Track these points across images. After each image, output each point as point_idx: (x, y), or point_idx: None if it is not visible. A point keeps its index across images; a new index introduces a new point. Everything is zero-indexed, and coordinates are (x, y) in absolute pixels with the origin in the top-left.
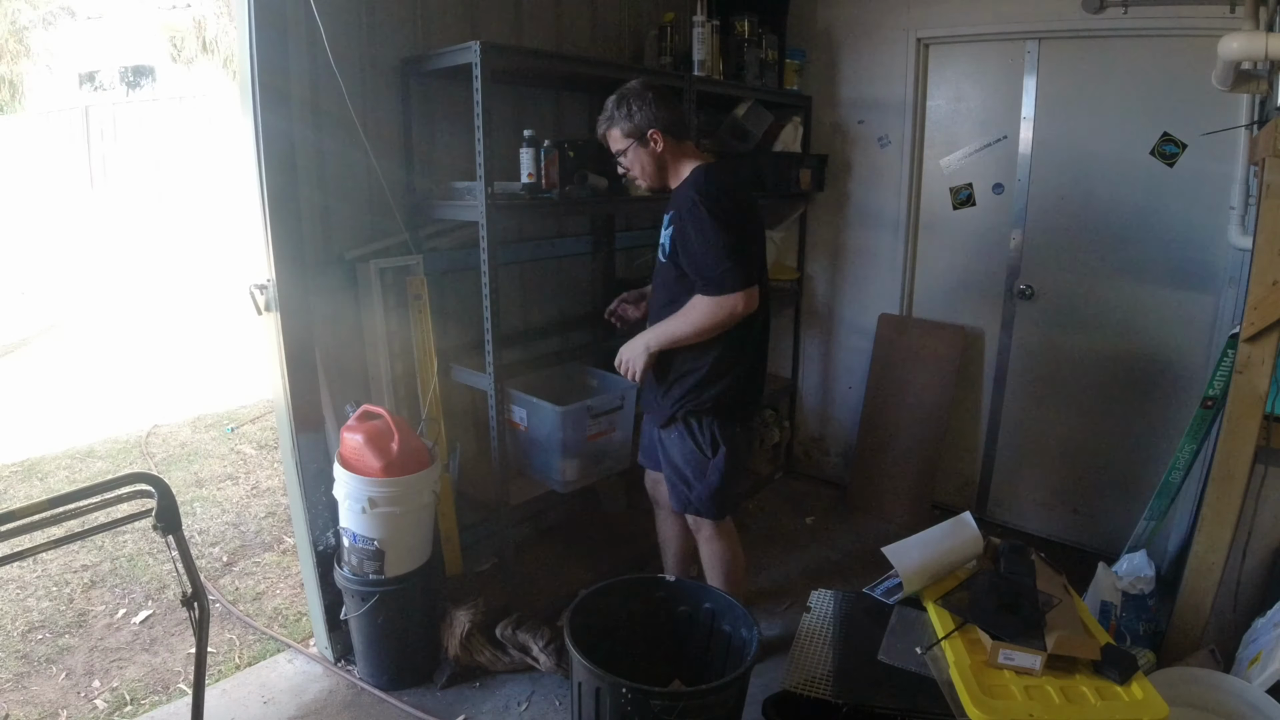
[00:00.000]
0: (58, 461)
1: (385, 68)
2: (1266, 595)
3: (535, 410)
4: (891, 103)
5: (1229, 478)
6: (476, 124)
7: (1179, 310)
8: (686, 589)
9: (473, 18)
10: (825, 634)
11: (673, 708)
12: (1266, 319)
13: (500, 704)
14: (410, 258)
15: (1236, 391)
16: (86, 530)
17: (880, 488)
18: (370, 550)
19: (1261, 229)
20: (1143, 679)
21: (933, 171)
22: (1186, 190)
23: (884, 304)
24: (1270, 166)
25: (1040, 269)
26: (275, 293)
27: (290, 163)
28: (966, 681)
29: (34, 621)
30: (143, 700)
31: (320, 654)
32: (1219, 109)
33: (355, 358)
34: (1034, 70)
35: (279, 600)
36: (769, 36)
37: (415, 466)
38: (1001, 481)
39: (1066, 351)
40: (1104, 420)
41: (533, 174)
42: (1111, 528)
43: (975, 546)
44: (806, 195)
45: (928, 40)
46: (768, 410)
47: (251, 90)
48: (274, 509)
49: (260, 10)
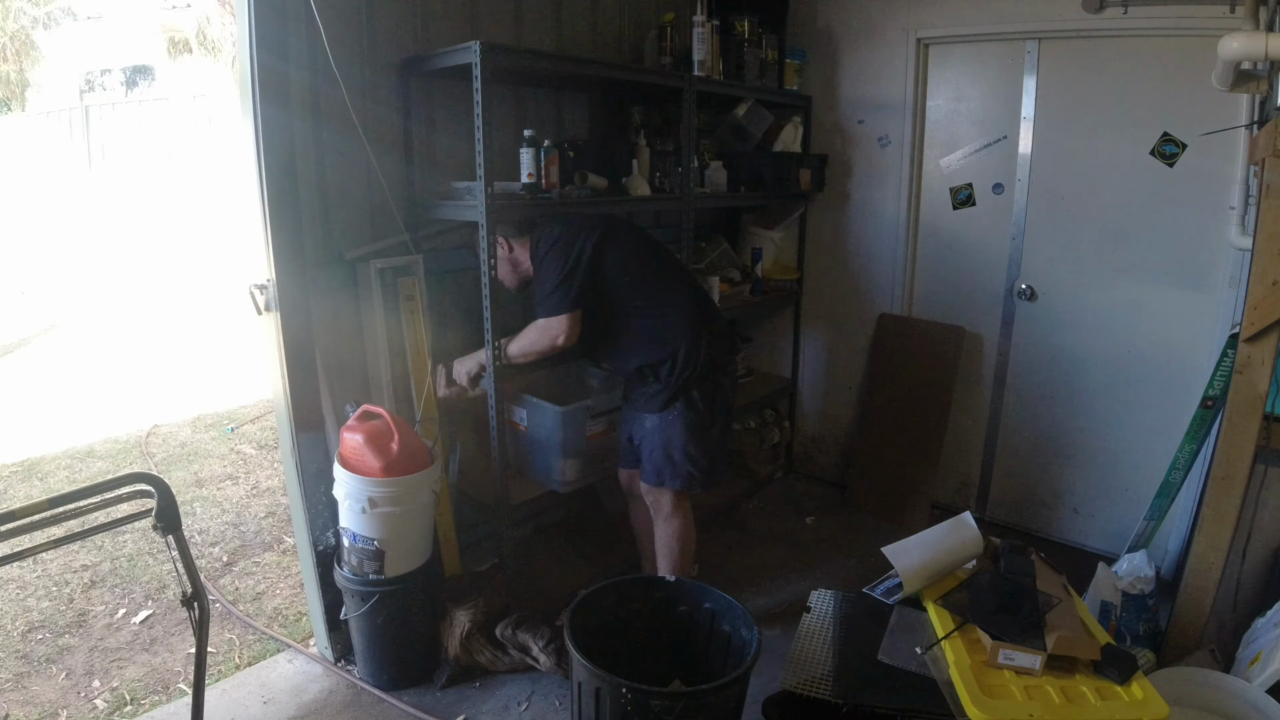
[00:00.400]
0: (58, 461)
1: (385, 68)
2: (1266, 595)
3: (535, 410)
4: (891, 103)
5: (1229, 478)
6: (476, 124)
7: (1179, 310)
8: (686, 589)
9: (473, 18)
10: (825, 634)
11: (673, 708)
12: (1266, 319)
13: (500, 704)
14: (410, 258)
15: (1236, 391)
16: (86, 530)
17: (880, 488)
18: (370, 550)
19: (1261, 229)
20: (1143, 679)
21: (933, 171)
22: (1186, 190)
23: (884, 304)
24: (1270, 166)
25: (1040, 269)
26: (275, 293)
27: (290, 163)
28: (966, 681)
29: (34, 621)
30: (143, 700)
31: (320, 654)
32: (1219, 109)
33: (355, 358)
34: (1034, 70)
35: (279, 600)
36: (769, 36)
37: (415, 466)
38: (1001, 481)
39: (1066, 351)
40: (1104, 420)
41: (533, 174)
42: (1111, 528)
43: (975, 546)
44: (806, 195)
45: (928, 40)
46: (767, 410)
47: (251, 90)
48: (274, 509)
49: (260, 10)
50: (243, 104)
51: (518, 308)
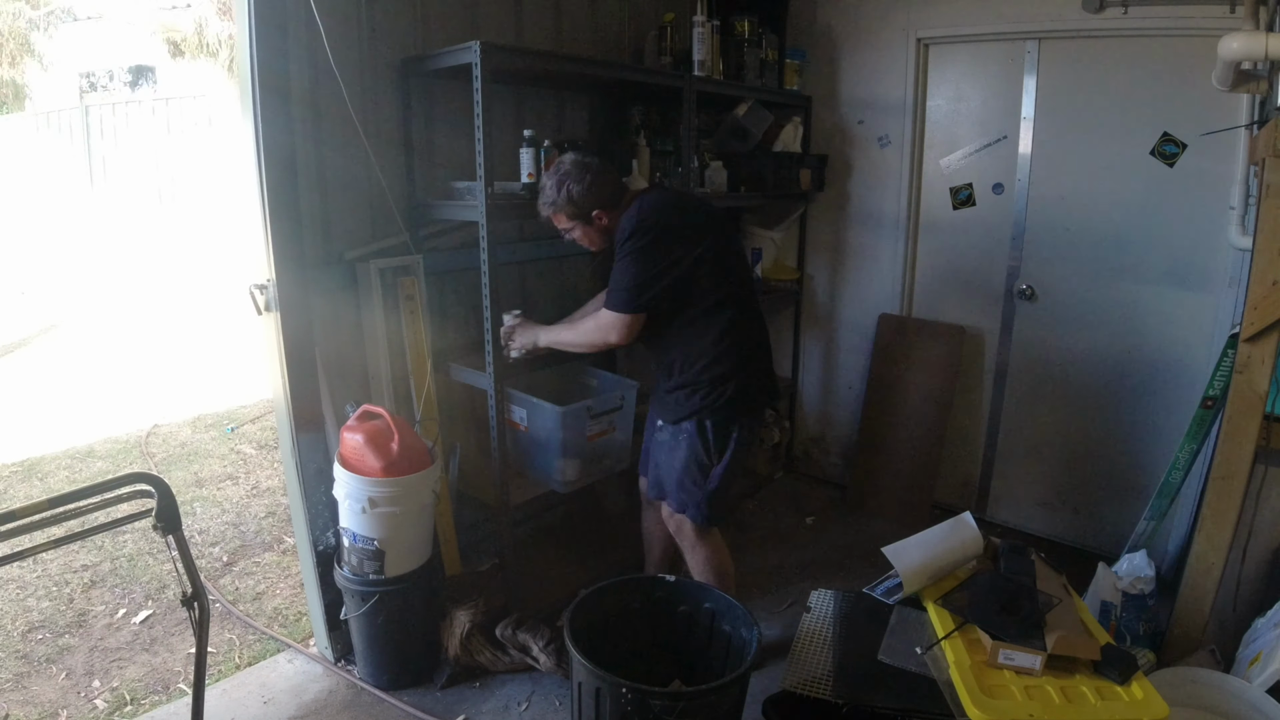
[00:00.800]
0: (58, 461)
1: (385, 68)
2: (1266, 595)
3: (535, 410)
4: (891, 103)
5: (1229, 478)
6: (476, 124)
7: (1179, 310)
8: (686, 589)
9: (473, 18)
10: (825, 634)
11: (673, 708)
12: (1266, 319)
13: (500, 704)
14: (409, 258)
15: (1236, 391)
16: (86, 530)
17: (880, 487)
18: (370, 550)
19: (1261, 229)
20: (1143, 679)
21: (933, 171)
22: (1186, 190)
23: (884, 304)
24: (1270, 166)
25: (1040, 269)
26: (275, 293)
27: (290, 163)
28: (966, 681)
29: (34, 621)
30: (143, 700)
31: (320, 654)
32: (1219, 109)
33: (355, 358)
34: (1034, 70)
35: (279, 600)
36: (769, 36)
37: (415, 466)
38: (1001, 481)
39: (1066, 351)
40: (1104, 420)
41: (533, 174)
42: (1111, 528)
43: (975, 546)
44: (806, 195)
45: (928, 40)
46: (768, 410)
47: (251, 90)
48: (274, 509)
49: (260, 10)
50: (243, 104)
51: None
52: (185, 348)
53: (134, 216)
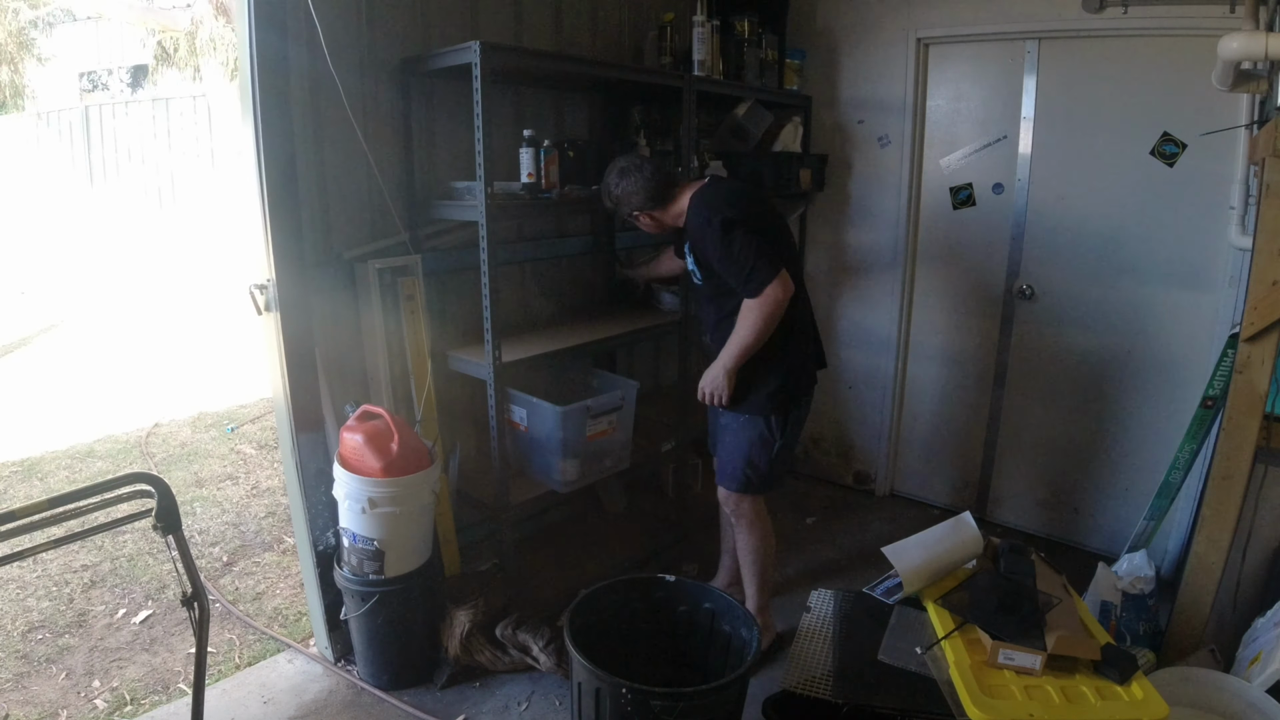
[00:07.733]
0: (58, 461)
1: (385, 68)
2: (1266, 595)
3: (535, 410)
4: (891, 103)
5: (1229, 478)
6: (476, 124)
7: (1179, 310)
8: (686, 589)
9: (473, 18)
10: (825, 634)
11: (673, 708)
12: (1266, 319)
13: (500, 704)
14: (409, 258)
15: (1236, 391)
16: (86, 530)
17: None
18: (370, 550)
19: (1261, 229)
20: (1143, 679)
21: (933, 171)
22: (1186, 190)
23: (884, 303)
24: (1270, 166)
25: (1040, 269)
26: (275, 293)
27: (290, 163)
28: (966, 681)
29: (34, 621)
30: (143, 700)
31: (320, 654)
32: (1219, 109)
33: (355, 358)
34: (1034, 70)
35: (279, 600)
36: (769, 36)
37: (415, 466)
38: (1001, 481)
39: (1066, 351)
40: (1104, 420)
41: (533, 174)
42: (1111, 528)
43: (975, 546)
44: (806, 195)
45: (928, 40)
46: None
47: (251, 91)
48: (274, 509)
49: (260, 10)
50: (243, 104)
51: (518, 308)
52: (185, 347)
53: (134, 216)
